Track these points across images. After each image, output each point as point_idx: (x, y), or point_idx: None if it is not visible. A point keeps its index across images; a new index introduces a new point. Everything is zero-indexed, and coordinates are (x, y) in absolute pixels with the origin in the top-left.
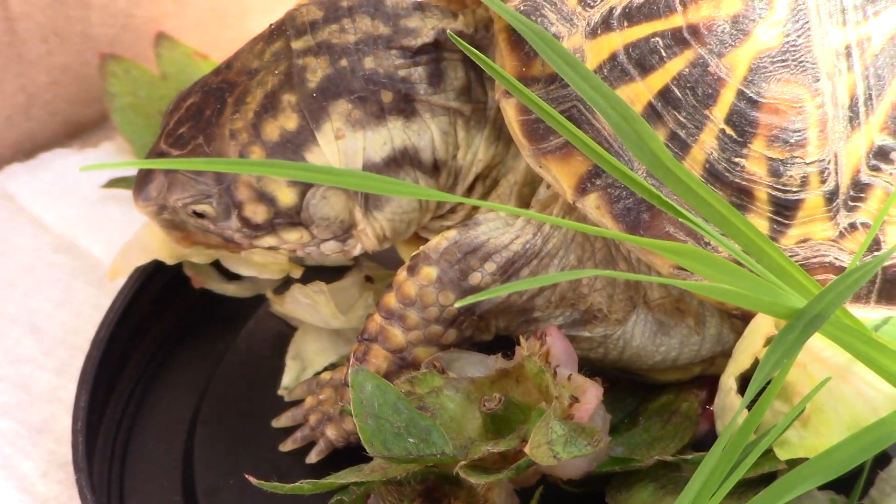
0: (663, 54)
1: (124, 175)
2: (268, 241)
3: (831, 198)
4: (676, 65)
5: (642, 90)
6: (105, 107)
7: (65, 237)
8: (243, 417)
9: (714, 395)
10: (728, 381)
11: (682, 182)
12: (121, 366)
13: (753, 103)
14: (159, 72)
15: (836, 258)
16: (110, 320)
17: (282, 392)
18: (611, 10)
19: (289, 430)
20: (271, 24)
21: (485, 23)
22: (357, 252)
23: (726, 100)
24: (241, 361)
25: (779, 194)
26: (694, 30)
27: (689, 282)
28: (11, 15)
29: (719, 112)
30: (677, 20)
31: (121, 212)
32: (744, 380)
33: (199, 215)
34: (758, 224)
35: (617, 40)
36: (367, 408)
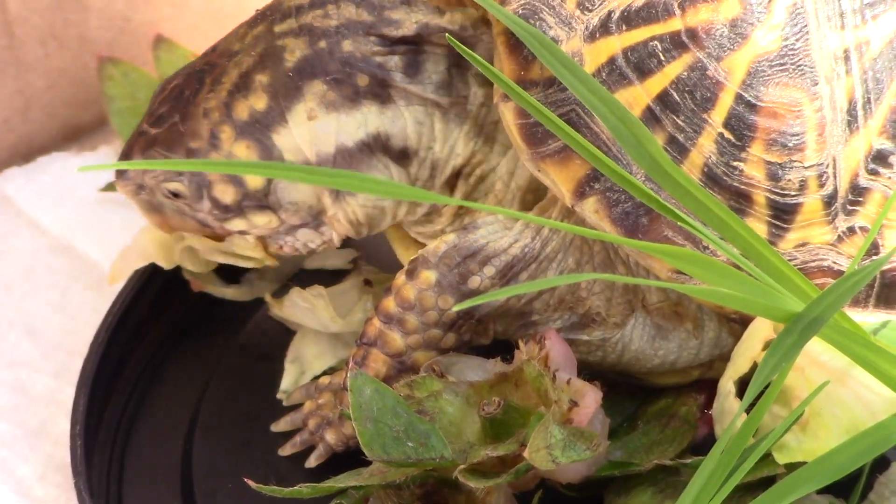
0: (662, 58)
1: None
2: (238, 225)
3: (830, 202)
4: (675, 68)
5: (641, 94)
6: (103, 110)
7: (62, 240)
8: (242, 420)
9: (713, 399)
10: (727, 384)
11: (681, 186)
12: (119, 369)
13: (752, 107)
14: (157, 74)
15: (834, 262)
16: (109, 323)
17: (280, 395)
18: (609, 13)
19: (288, 435)
20: (258, 9)
21: (473, 21)
22: (336, 242)
23: (725, 103)
24: (240, 365)
25: (777, 198)
26: (692, 33)
27: (688, 285)
28: (9, 18)
29: (718, 116)
30: (676, 24)
31: (118, 215)
32: (742, 384)
33: (175, 195)
34: (756, 228)
35: (615, 44)
36: (366, 412)
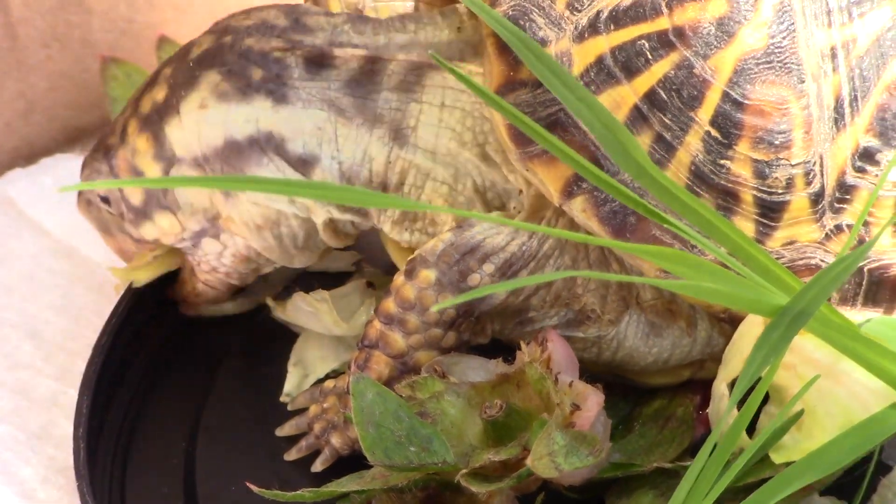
0: (649, 57)
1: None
2: (149, 230)
3: (817, 199)
4: (662, 67)
5: (628, 93)
6: (105, 112)
7: (64, 243)
8: (244, 424)
9: (708, 399)
10: (720, 387)
11: (668, 191)
12: (122, 371)
13: (738, 105)
14: None
15: (822, 260)
16: (112, 326)
17: (284, 398)
18: (598, 13)
19: (292, 439)
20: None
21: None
22: (243, 249)
23: (711, 101)
24: (243, 367)
25: (764, 196)
26: (679, 32)
27: (673, 282)
28: (12, 20)
29: (704, 114)
30: (663, 23)
31: None
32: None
33: (104, 201)
34: (744, 226)
35: (604, 43)
36: (369, 416)
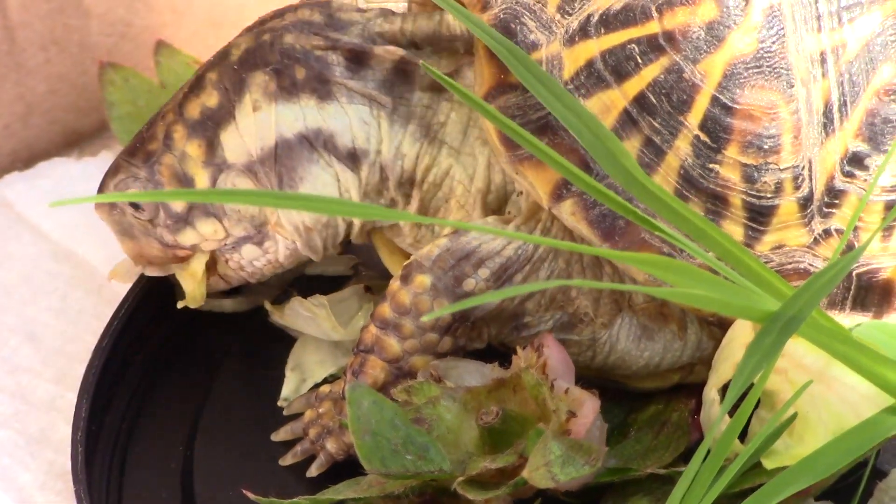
0: (639, 61)
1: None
2: (189, 236)
3: (805, 204)
4: (652, 71)
5: (618, 97)
6: (104, 115)
7: (63, 246)
8: (243, 428)
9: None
10: (711, 392)
11: (657, 197)
12: (120, 375)
13: (727, 109)
14: (158, 80)
15: (810, 264)
16: (111, 329)
17: (281, 403)
18: (588, 17)
19: (290, 443)
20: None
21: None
22: (282, 258)
23: (701, 106)
24: (241, 372)
25: (753, 200)
26: (669, 36)
27: (662, 288)
28: (10, 24)
29: (694, 118)
30: (653, 27)
31: None
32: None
33: (135, 207)
34: (732, 230)
35: (594, 47)
36: (365, 424)
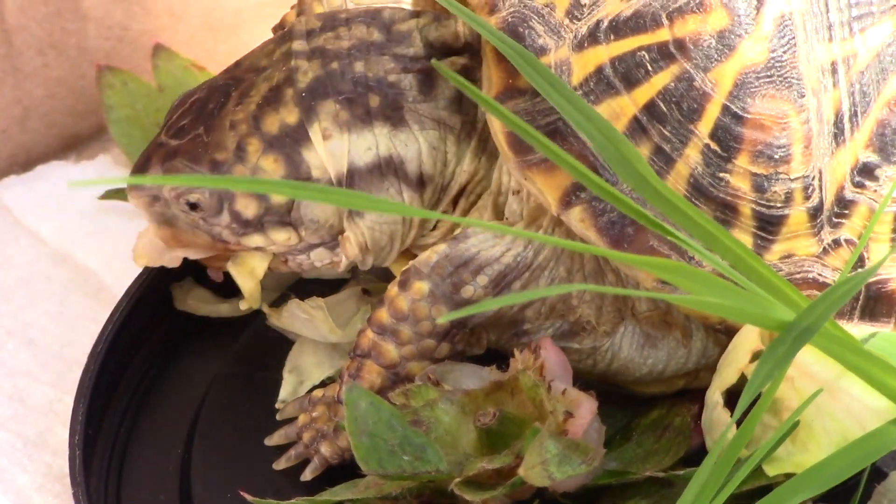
0: (649, 68)
1: (121, 187)
2: (256, 241)
3: (815, 214)
4: (662, 79)
5: (628, 104)
6: (102, 119)
7: (61, 249)
8: (240, 431)
9: None
10: (714, 395)
11: (668, 202)
12: (118, 378)
13: (738, 118)
14: (156, 84)
15: (819, 274)
16: (108, 333)
17: (279, 405)
18: (598, 22)
19: (284, 447)
20: (283, 27)
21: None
22: (342, 267)
23: (711, 115)
24: (238, 374)
25: (763, 210)
26: (680, 44)
27: (675, 295)
28: (8, 27)
29: (704, 127)
30: (664, 34)
31: (117, 224)
32: (729, 394)
33: (192, 207)
34: (742, 239)
35: (603, 53)
36: (362, 425)
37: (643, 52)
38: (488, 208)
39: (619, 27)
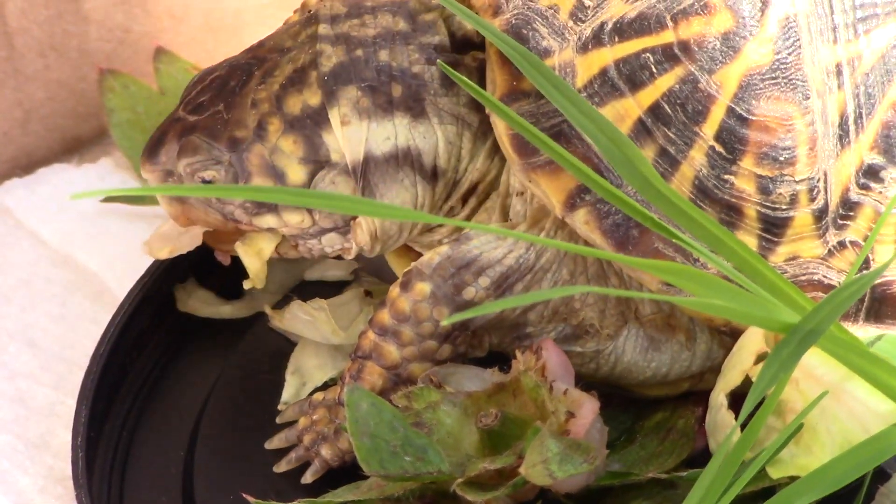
0: (654, 70)
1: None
2: (268, 221)
3: (820, 216)
4: (666, 81)
5: (632, 106)
6: (103, 121)
7: (62, 251)
8: (243, 433)
9: None
10: (718, 397)
11: (673, 204)
12: (120, 380)
13: (743, 120)
14: (158, 87)
15: (824, 276)
16: (110, 335)
17: (281, 407)
18: (602, 25)
19: (284, 450)
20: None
21: None
22: (353, 253)
23: (716, 117)
24: (241, 376)
25: (768, 212)
26: (684, 46)
27: (681, 297)
28: (9, 30)
29: (709, 129)
30: (668, 36)
31: (119, 226)
32: (734, 396)
33: (207, 184)
34: (747, 241)
35: (608, 55)
36: (363, 427)
37: (647, 54)
38: (496, 209)
39: (624, 29)
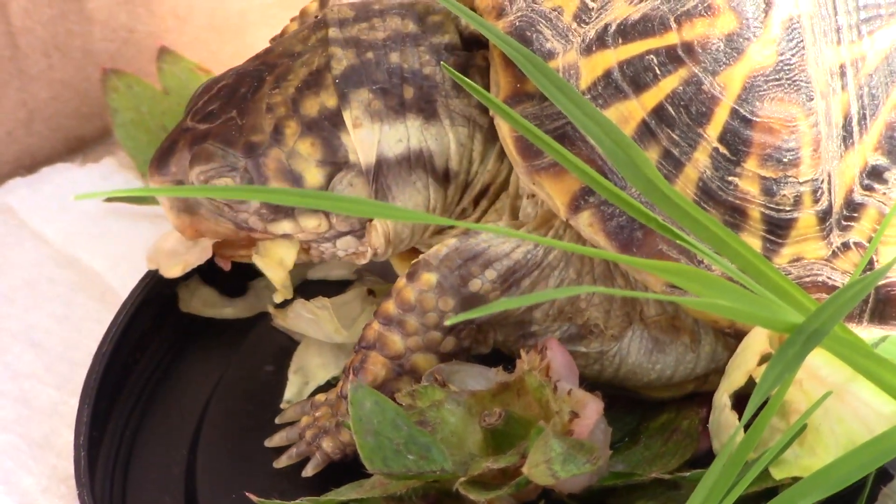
0: (657, 72)
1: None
2: (284, 227)
3: (824, 217)
4: (670, 83)
5: (636, 108)
6: (107, 121)
7: (66, 252)
8: (246, 431)
9: None
10: (722, 398)
11: (678, 206)
12: (123, 380)
13: (747, 122)
14: (161, 87)
15: (828, 277)
16: (112, 335)
17: (284, 406)
18: (606, 26)
19: (286, 447)
20: (309, 16)
21: None
22: (367, 258)
23: (720, 118)
24: (244, 376)
25: (772, 213)
26: (688, 48)
27: (686, 298)
28: (13, 29)
29: (713, 130)
30: (672, 38)
31: (123, 226)
32: (737, 397)
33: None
34: (751, 243)
35: (611, 57)
36: (367, 425)
37: (651, 56)
38: (506, 210)
39: (628, 31)
